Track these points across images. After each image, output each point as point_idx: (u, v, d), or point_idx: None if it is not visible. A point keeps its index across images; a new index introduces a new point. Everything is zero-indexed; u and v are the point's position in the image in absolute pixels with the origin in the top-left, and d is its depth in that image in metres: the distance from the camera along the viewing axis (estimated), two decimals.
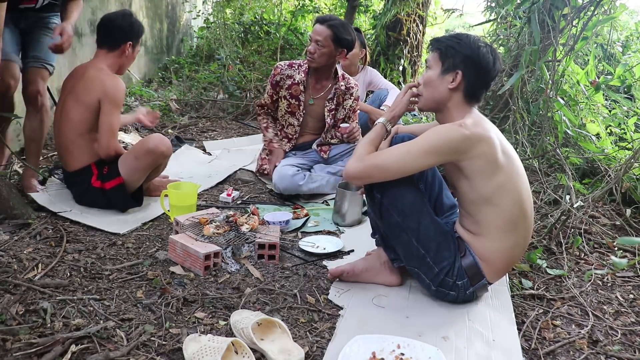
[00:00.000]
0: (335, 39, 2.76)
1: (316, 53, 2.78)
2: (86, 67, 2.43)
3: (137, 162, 2.37)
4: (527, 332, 1.74)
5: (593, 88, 3.42)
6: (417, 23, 5.68)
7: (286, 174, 2.75)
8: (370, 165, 1.69)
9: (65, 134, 2.38)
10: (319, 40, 2.76)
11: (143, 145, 2.38)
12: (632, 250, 2.41)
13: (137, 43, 2.50)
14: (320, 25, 2.79)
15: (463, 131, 1.60)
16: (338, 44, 2.78)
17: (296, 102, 2.93)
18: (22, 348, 1.41)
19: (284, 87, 2.92)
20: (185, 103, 4.75)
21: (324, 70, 2.90)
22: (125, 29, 2.43)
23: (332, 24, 2.77)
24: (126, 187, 2.39)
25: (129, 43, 2.43)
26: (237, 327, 1.56)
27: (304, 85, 2.91)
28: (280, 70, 2.92)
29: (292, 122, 2.99)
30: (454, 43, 1.71)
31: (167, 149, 2.42)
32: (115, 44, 2.42)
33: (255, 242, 2.09)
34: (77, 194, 2.46)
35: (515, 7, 3.58)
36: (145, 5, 5.44)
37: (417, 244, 1.72)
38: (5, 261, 1.86)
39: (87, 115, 2.34)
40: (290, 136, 3.04)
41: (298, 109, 2.95)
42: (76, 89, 2.37)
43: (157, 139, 2.40)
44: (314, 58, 2.80)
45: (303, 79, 2.90)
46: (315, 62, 2.81)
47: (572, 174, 2.91)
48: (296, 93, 2.91)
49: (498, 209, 1.66)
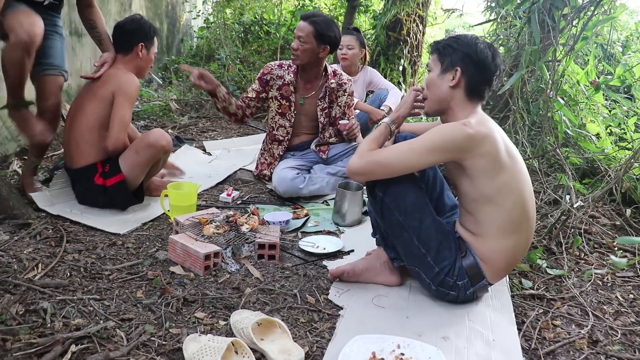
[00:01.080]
0: (317, 35, 2.74)
1: (299, 50, 2.77)
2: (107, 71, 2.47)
3: (137, 157, 2.38)
4: (527, 332, 1.74)
5: (593, 88, 3.42)
6: (417, 23, 5.68)
7: (286, 177, 2.74)
8: (373, 162, 1.69)
9: (78, 129, 2.40)
10: (301, 36, 2.75)
11: (143, 140, 2.40)
12: (632, 250, 2.41)
13: (151, 44, 2.55)
14: (302, 21, 2.77)
15: (467, 130, 1.60)
16: (320, 41, 2.75)
17: (287, 103, 2.91)
18: (22, 348, 1.41)
19: (274, 87, 2.90)
20: (185, 103, 4.75)
21: (311, 69, 2.88)
22: (135, 31, 2.49)
23: (314, 20, 2.75)
24: (127, 184, 2.40)
25: (140, 44, 2.49)
26: (237, 327, 1.56)
27: (294, 85, 2.90)
28: (270, 69, 2.90)
29: (283, 123, 2.96)
30: (451, 42, 1.73)
31: (167, 143, 2.44)
32: (129, 47, 2.48)
33: (255, 242, 2.09)
34: (79, 193, 2.46)
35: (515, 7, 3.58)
36: (145, 5, 5.44)
37: (418, 243, 1.72)
38: (5, 261, 1.86)
39: (100, 108, 2.37)
40: (280, 138, 2.99)
41: (289, 109, 2.93)
42: (93, 87, 2.42)
43: (158, 134, 2.42)
44: (297, 55, 2.79)
45: (293, 80, 2.88)
46: (298, 59, 2.80)
47: (572, 174, 2.91)
48: (287, 94, 2.90)
49: (500, 209, 1.66)
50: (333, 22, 2.83)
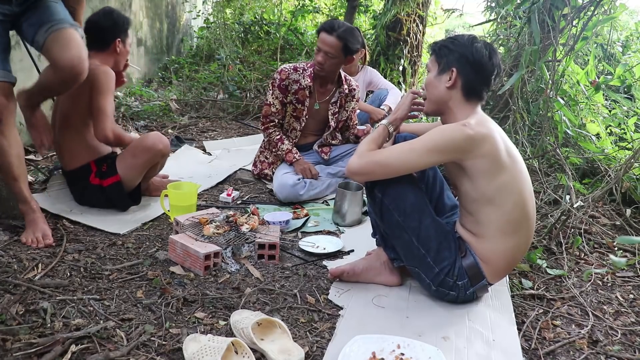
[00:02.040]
0: (345, 49, 2.71)
1: (326, 63, 2.73)
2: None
3: (134, 159, 2.37)
4: (527, 332, 1.74)
5: (593, 88, 3.42)
6: (417, 23, 5.68)
7: (286, 183, 2.73)
8: (372, 162, 1.69)
9: (64, 132, 2.38)
10: (328, 51, 2.69)
11: (141, 143, 2.39)
12: (632, 250, 2.41)
13: (126, 36, 2.47)
14: (328, 35, 2.68)
15: (467, 130, 1.60)
16: (347, 53, 2.74)
17: (301, 107, 2.90)
18: (22, 348, 1.41)
19: (291, 91, 2.87)
20: (185, 103, 4.75)
21: (331, 76, 2.87)
22: (110, 28, 2.40)
23: (341, 34, 2.68)
24: (123, 185, 2.39)
25: (117, 40, 2.41)
26: (237, 327, 1.56)
27: (310, 90, 2.88)
28: (287, 74, 2.85)
29: (295, 126, 2.97)
30: (448, 43, 1.74)
31: (164, 147, 2.42)
32: (105, 44, 2.41)
33: (255, 242, 2.09)
34: (77, 193, 2.46)
35: (515, 7, 3.58)
36: (145, 5, 5.44)
37: (417, 243, 1.72)
38: (5, 261, 1.86)
39: (81, 107, 2.33)
40: (291, 140, 3.02)
41: (302, 113, 2.93)
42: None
43: (156, 137, 2.40)
44: (324, 68, 2.75)
45: (309, 84, 2.85)
46: (324, 71, 2.78)
47: (572, 174, 2.91)
48: (302, 98, 2.88)
49: (500, 210, 1.66)
50: (356, 29, 2.80)
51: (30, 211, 2.10)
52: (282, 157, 2.95)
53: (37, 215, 2.10)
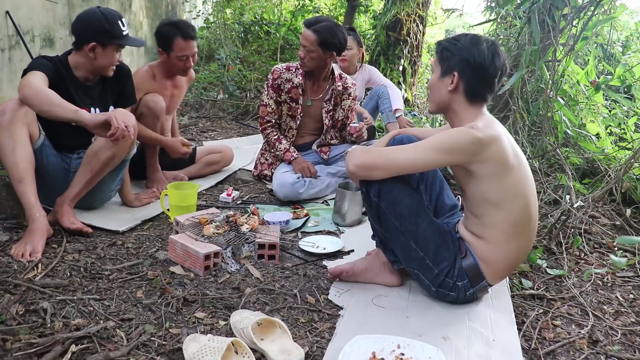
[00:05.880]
0: (322, 44, 2.74)
1: (306, 58, 2.78)
2: None
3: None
4: (527, 332, 1.74)
5: (593, 88, 3.42)
6: (417, 23, 5.68)
7: (286, 182, 2.74)
8: (377, 155, 1.70)
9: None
10: (306, 45, 2.75)
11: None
12: (632, 250, 2.41)
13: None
14: (306, 29, 2.77)
15: (475, 133, 1.59)
16: (326, 48, 2.76)
17: (296, 105, 2.92)
18: (22, 348, 1.41)
19: (284, 90, 2.89)
20: (185, 103, 4.75)
21: (319, 72, 2.89)
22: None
23: (318, 28, 2.73)
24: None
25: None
26: (237, 327, 1.56)
27: (302, 88, 2.90)
28: (279, 73, 2.89)
29: (292, 125, 2.98)
30: (451, 45, 1.71)
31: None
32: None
33: (255, 242, 2.09)
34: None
35: (515, 7, 3.59)
36: (145, 5, 5.44)
37: (415, 246, 1.72)
38: (5, 261, 1.86)
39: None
40: (289, 139, 3.02)
41: (297, 112, 2.94)
42: None
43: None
44: (304, 63, 2.81)
45: (301, 82, 2.88)
46: (306, 66, 2.82)
47: (572, 174, 2.91)
48: (296, 96, 2.90)
49: (506, 213, 1.66)
50: (337, 27, 2.80)
51: (31, 220, 1.99)
52: (280, 157, 2.96)
53: (36, 226, 1.98)
